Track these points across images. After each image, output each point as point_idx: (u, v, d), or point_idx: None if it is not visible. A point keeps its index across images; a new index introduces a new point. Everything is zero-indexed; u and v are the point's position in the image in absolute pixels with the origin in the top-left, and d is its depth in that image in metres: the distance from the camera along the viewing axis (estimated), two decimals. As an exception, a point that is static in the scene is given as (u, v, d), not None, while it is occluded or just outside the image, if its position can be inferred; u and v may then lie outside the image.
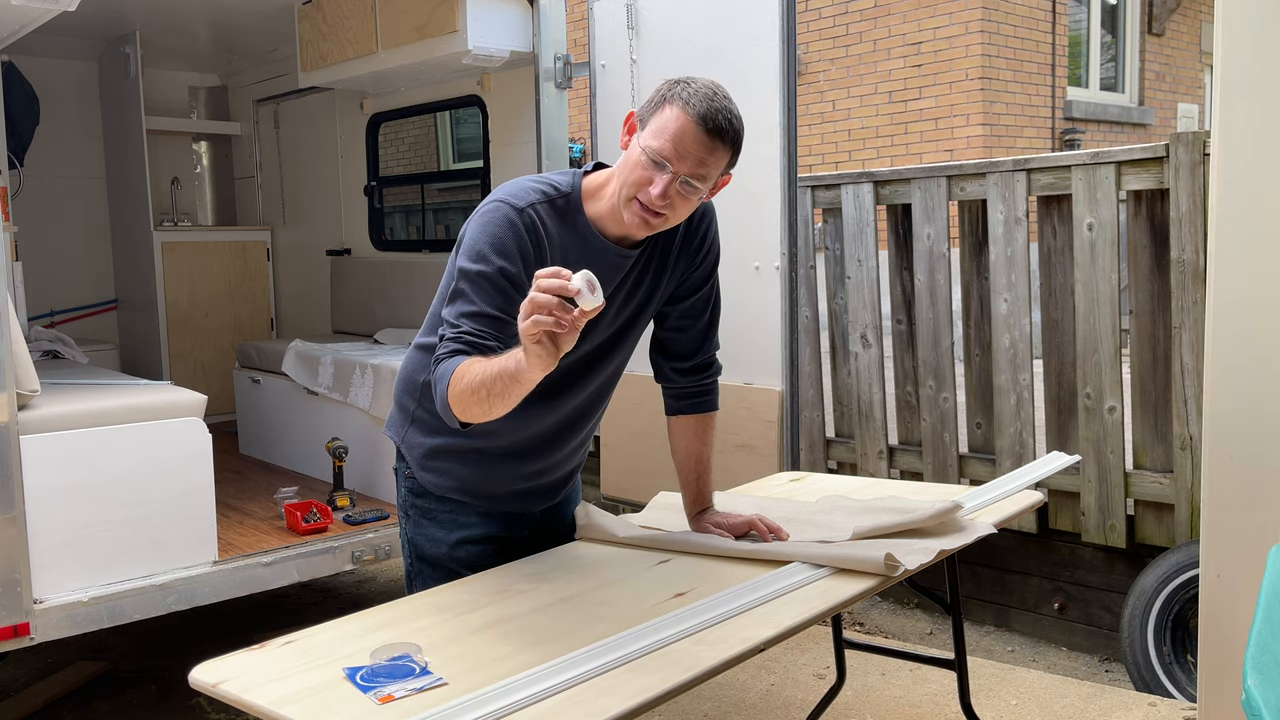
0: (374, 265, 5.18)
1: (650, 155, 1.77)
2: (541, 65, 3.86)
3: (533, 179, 1.93)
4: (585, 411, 2.10)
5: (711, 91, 1.80)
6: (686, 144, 1.76)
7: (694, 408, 2.18)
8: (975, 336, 4.13)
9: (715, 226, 2.08)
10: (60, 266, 5.47)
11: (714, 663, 1.57)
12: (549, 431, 2.06)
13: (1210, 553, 2.35)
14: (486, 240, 1.81)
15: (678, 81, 1.82)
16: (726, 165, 1.84)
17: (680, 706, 3.16)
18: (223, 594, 3.12)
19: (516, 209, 1.83)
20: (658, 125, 1.78)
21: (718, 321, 2.17)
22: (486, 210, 1.86)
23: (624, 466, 3.93)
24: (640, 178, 1.79)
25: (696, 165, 1.78)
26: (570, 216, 1.90)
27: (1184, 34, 10.05)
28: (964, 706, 2.64)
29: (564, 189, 1.91)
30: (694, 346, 2.15)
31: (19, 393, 2.74)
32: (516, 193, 1.87)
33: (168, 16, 4.76)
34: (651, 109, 1.82)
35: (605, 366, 2.05)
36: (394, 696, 1.46)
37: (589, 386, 2.05)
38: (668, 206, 1.80)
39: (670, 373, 2.17)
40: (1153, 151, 3.53)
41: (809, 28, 8.35)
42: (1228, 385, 2.29)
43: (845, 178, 4.44)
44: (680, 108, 1.77)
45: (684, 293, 2.08)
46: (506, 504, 2.11)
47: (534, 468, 2.10)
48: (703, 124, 1.76)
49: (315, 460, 4.27)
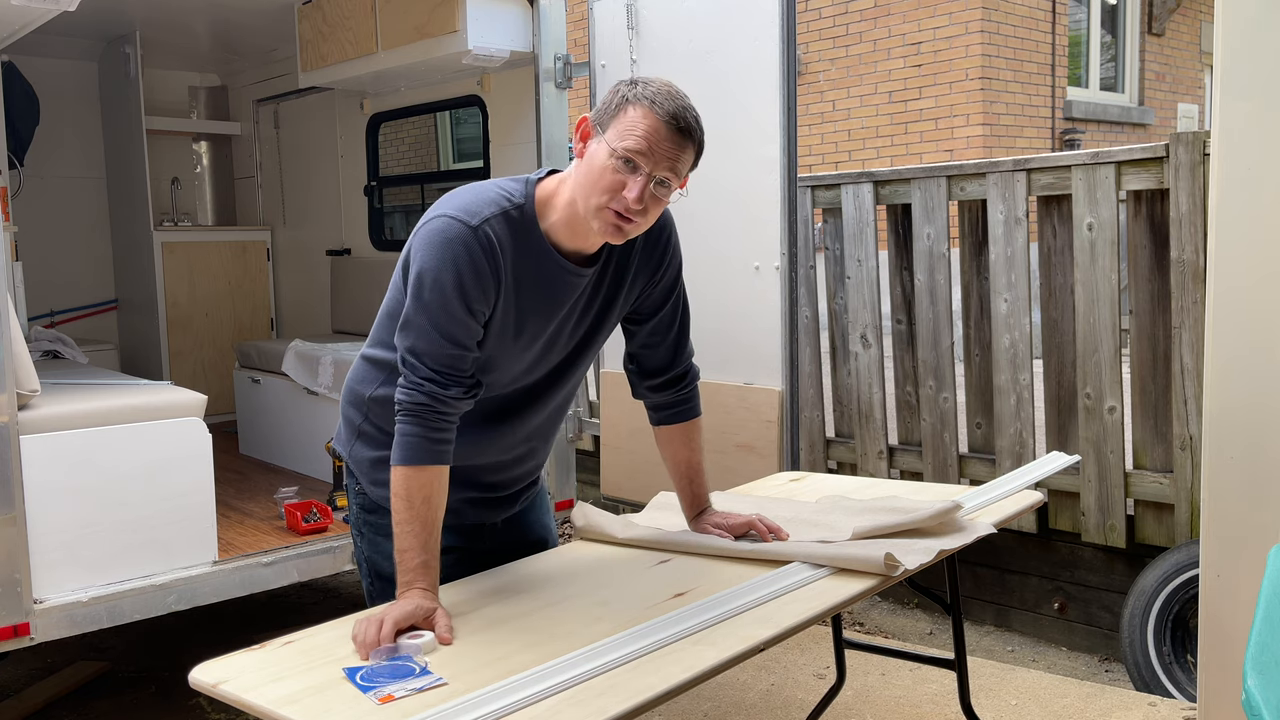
0: (374, 265, 5.17)
1: (622, 157, 1.72)
2: (541, 65, 3.86)
3: (487, 188, 1.84)
4: (546, 426, 2.08)
5: (671, 90, 1.76)
6: (658, 143, 1.72)
7: (675, 417, 2.14)
8: (975, 336, 4.13)
9: (675, 237, 2.02)
10: (60, 266, 5.47)
11: (714, 663, 1.57)
12: (509, 446, 2.03)
13: (1210, 553, 2.35)
14: (442, 266, 1.73)
15: (633, 83, 1.77)
16: (692, 165, 1.80)
17: (680, 706, 3.16)
18: (223, 594, 3.12)
19: (471, 227, 1.75)
20: (624, 127, 1.72)
21: (688, 332, 2.12)
22: (437, 228, 1.76)
23: (624, 466, 3.93)
24: (613, 182, 1.72)
25: (669, 165, 1.74)
26: (525, 231, 1.82)
27: (1184, 34, 10.05)
28: (964, 706, 2.64)
29: (518, 199, 1.82)
30: (666, 361, 2.10)
31: (19, 393, 2.74)
32: (469, 207, 1.78)
33: (168, 16, 4.76)
34: (611, 112, 1.76)
35: (565, 383, 2.03)
36: (394, 696, 1.46)
37: (550, 404, 2.03)
38: (642, 211, 1.75)
39: (646, 390, 2.14)
40: (1153, 151, 3.53)
41: (809, 28, 8.35)
42: (1227, 385, 2.29)
43: (845, 178, 4.44)
44: (647, 107, 1.72)
45: (650, 308, 2.03)
46: (464, 516, 2.03)
47: (493, 479, 2.06)
48: (673, 122, 1.72)
49: (315, 460, 4.27)
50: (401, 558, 1.74)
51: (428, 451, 1.76)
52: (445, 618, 1.68)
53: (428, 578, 1.73)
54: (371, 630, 1.62)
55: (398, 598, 1.72)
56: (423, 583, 1.72)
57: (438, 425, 1.77)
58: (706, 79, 3.51)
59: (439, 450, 1.78)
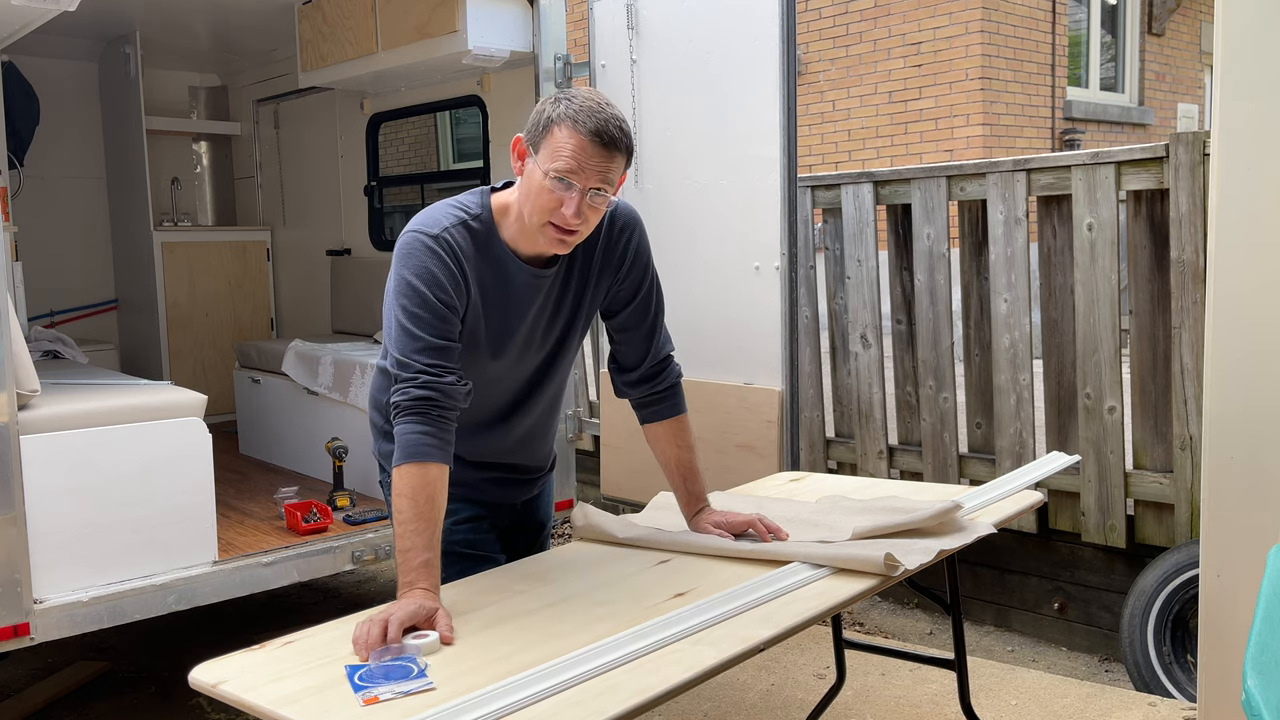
0: (374, 265, 5.17)
1: (555, 177, 1.81)
2: (541, 65, 3.86)
3: (445, 205, 1.97)
4: (541, 423, 2.21)
5: (595, 104, 1.82)
6: (585, 160, 1.80)
7: (659, 414, 2.20)
8: (975, 336, 4.13)
9: (637, 237, 2.10)
10: (60, 266, 5.47)
11: (714, 663, 1.58)
12: (510, 445, 2.17)
13: (1210, 553, 2.35)
14: (412, 272, 1.87)
15: (557, 100, 1.84)
16: (624, 167, 1.89)
17: (680, 706, 3.16)
18: (223, 594, 3.12)
19: (432, 235, 1.89)
20: (552, 148, 1.82)
21: (660, 328, 2.19)
22: (404, 245, 1.91)
23: (624, 466, 3.93)
24: (550, 201, 1.84)
25: (600, 178, 1.83)
26: (484, 239, 1.95)
27: (1184, 34, 10.05)
28: (964, 706, 2.64)
29: (475, 210, 1.95)
30: (639, 356, 2.17)
31: (19, 393, 2.73)
32: (429, 222, 1.92)
33: (168, 16, 4.76)
34: (540, 133, 1.84)
35: (550, 383, 2.15)
36: (379, 699, 1.46)
37: (539, 404, 2.16)
38: (581, 223, 1.86)
39: (623, 386, 2.22)
40: (1153, 151, 3.53)
41: (809, 28, 8.35)
42: (1228, 385, 2.29)
43: (845, 178, 4.44)
44: (570, 127, 1.80)
45: (617, 305, 2.14)
46: (487, 493, 2.18)
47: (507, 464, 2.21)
48: (597, 139, 1.80)
49: (315, 460, 4.26)
50: (404, 557, 1.76)
51: (430, 448, 1.81)
52: (446, 617, 1.71)
53: (430, 578, 1.75)
54: (375, 631, 1.63)
55: (399, 597, 1.73)
56: (425, 582, 1.74)
57: (438, 418, 1.83)
58: (706, 79, 3.52)
59: (440, 447, 1.83)
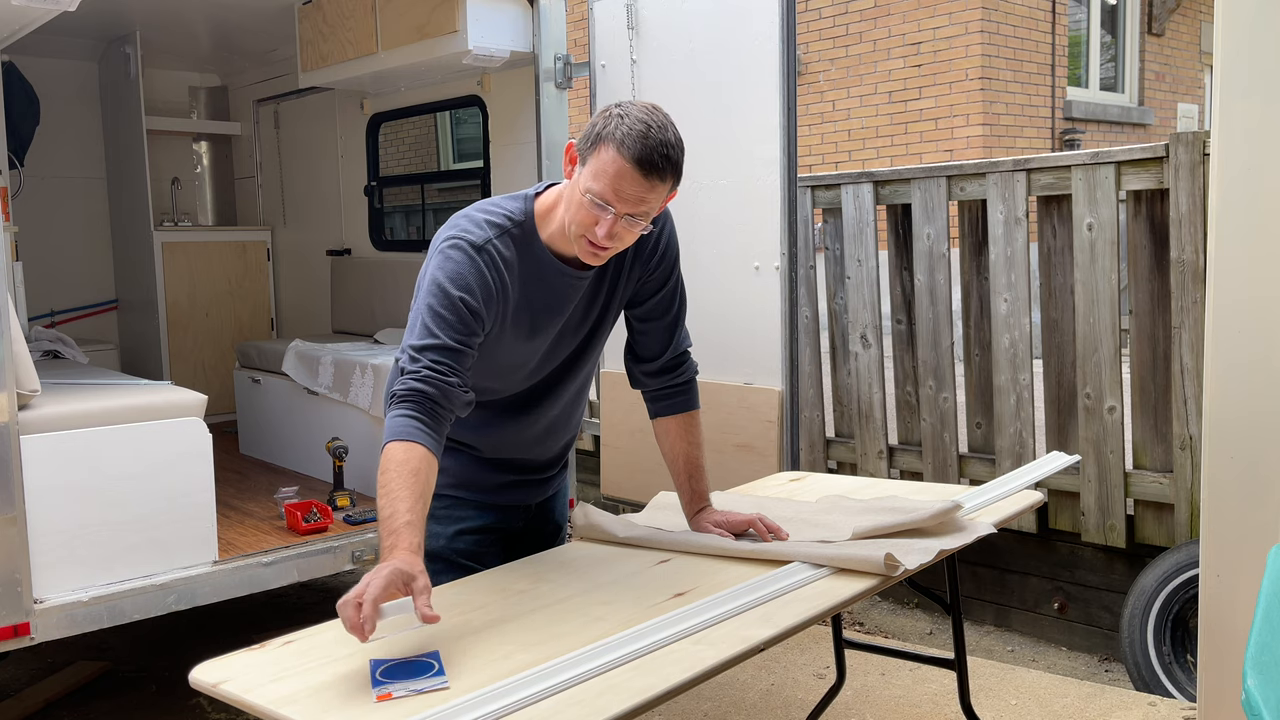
0: (374, 265, 5.18)
1: (592, 198, 1.82)
2: (541, 65, 3.86)
3: (488, 210, 1.99)
4: (564, 417, 2.21)
5: (646, 126, 1.79)
6: (625, 186, 1.80)
7: (672, 409, 2.21)
8: (975, 336, 4.13)
9: (668, 231, 2.13)
10: (60, 266, 5.47)
11: (714, 663, 1.58)
12: (531, 439, 2.17)
13: (1210, 553, 2.35)
14: (446, 275, 1.89)
15: (610, 115, 1.82)
16: (669, 190, 1.88)
17: (680, 706, 3.16)
18: (223, 594, 3.12)
19: (476, 247, 1.91)
20: (596, 167, 1.81)
21: (682, 321, 2.21)
22: (446, 249, 1.93)
23: (624, 466, 3.93)
24: (585, 219, 1.85)
25: (637, 204, 1.83)
26: (526, 244, 1.97)
27: (1184, 34, 10.05)
28: (964, 706, 2.64)
29: (518, 217, 1.98)
30: (660, 347, 2.18)
31: (19, 393, 2.73)
32: (473, 229, 1.94)
33: (168, 16, 4.76)
34: (589, 146, 1.84)
35: (575, 377, 2.16)
36: (392, 695, 1.46)
37: (563, 397, 2.16)
38: (614, 241, 1.87)
39: (641, 376, 2.22)
40: (1152, 151, 3.53)
41: (809, 28, 8.35)
42: (1228, 385, 2.29)
43: (845, 178, 4.44)
44: (616, 150, 1.79)
45: (643, 295, 2.14)
46: (500, 496, 2.18)
47: (523, 463, 2.19)
48: (639, 167, 1.79)
49: (315, 460, 4.26)
50: (386, 522, 1.68)
51: (419, 433, 1.79)
52: (425, 585, 1.60)
53: (412, 536, 1.66)
54: (349, 613, 1.54)
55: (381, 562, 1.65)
56: (405, 542, 1.65)
57: (433, 412, 1.82)
58: (706, 79, 3.52)
59: (431, 435, 1.80)
